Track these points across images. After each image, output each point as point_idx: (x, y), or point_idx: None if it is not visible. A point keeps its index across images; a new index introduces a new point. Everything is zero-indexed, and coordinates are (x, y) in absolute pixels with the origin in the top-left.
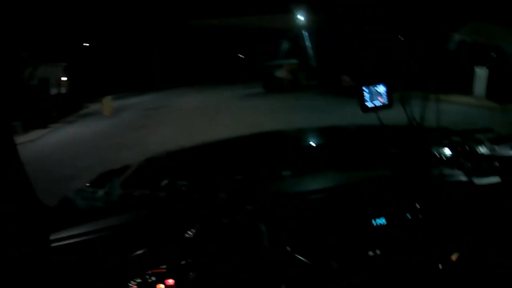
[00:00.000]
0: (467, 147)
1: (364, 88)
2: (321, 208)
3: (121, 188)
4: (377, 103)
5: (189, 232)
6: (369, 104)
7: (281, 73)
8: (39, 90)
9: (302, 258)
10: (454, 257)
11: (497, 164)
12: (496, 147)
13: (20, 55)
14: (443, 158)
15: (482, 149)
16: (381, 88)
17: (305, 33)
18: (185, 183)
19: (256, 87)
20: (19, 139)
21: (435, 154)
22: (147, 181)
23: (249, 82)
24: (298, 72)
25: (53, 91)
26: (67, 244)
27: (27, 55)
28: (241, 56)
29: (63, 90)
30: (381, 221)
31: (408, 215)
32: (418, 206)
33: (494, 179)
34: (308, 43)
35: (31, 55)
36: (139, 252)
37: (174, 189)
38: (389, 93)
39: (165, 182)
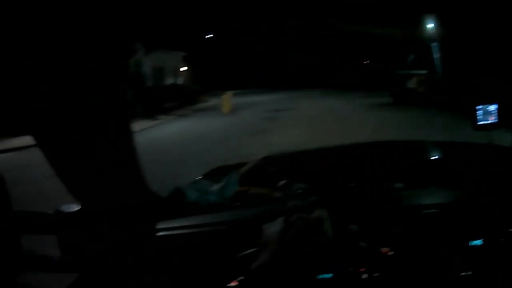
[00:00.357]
0: None
1: (477, 107)
2: (427, 223)
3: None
4: (489, 122)
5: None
6: (481, 123)
7: (412, 84)
8: (151, 79)
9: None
10: None
11: None
12: None
13: (132, 40)
14: None
15: None
16: (493, 107)
17: (434, 45)
18: (302, 186)
19: (382, 96)
20: None
21: None
22: (264, 180)
23: (374, 91)
24: (428, 84)
25: (168, 81)
26: (175, 234)
27: (142, 41)
28: (366, 62)
29: (180, 81)
30: (478, 242)
31: (501, 239)
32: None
33: None
34: (436, 55)
35: (147, 41)
36: (248, 250)
37: (290, 191)
38: (500, 112)
39: (282, 182)
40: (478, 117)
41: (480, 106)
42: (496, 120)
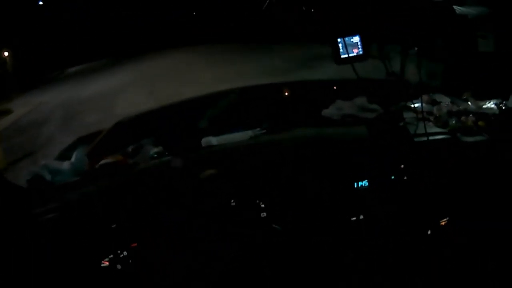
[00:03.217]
0: (450, 103)
1: (339, 39)
2: (297, 165)
3: (88, 157)
4: (352, 54)
5: (159, 202)
6: (343, 55)
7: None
8: None
9: (277, 227)
10: (443, 222)
11: (481, 120)
12: (481, 103)
13: None
14: (426, 115)
15: (466, 105)
16: (356, 39)
17: None
18: (156, 148)
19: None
20: None
21: (417, 111)
22: (117, 147)
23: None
24: None
25: None
26: (39, 221)
27: None
28: None
29: None
30: (364, 183)
31: (392, 177)
32: (402, 167)
33: (480, 137)
34: None
35: None
36: (109, 227)
37: (142, 155)
38: (364, 44)
39: (131, 147)
40: (340, 50)
41: (341, 38)
42: (361, 52)
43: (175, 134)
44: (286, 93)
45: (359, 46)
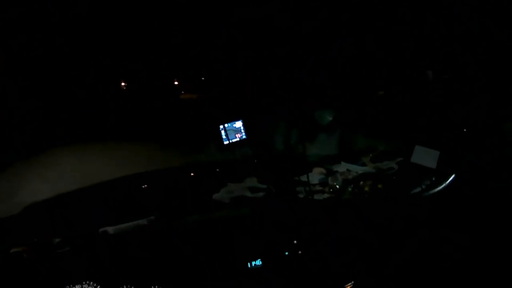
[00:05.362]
0: (347, 171)
1: (220, 126)
2: (190, 251)
3: None
4: (235, 140)
5: None
6: (225, 142)
7: None
8: None
9: None
10: (348, 286)
11: (380, 183)
12: (380, 165)
13: None
14: (320, 186)
15: (365, 169)
16: (239, 124)
17: None
18: (57, 240)
19: None
20: None
21: (310, 183)
22: (21, 237)
23: None
24: None
25: None
26: None
27: None
28: None
29: None
30: (257, 262)
31: (286, 253)
32: (296, 242)
33: (378, 202)
34: None
35: None
36: None
37: (46, 246)
38: (247, 128)
39: (35, 238)
40: (222, 137)
41: (222, 125)
42: (244, 137)
43: (74, 224)
44: (178, 179)
45: (242, 131)
